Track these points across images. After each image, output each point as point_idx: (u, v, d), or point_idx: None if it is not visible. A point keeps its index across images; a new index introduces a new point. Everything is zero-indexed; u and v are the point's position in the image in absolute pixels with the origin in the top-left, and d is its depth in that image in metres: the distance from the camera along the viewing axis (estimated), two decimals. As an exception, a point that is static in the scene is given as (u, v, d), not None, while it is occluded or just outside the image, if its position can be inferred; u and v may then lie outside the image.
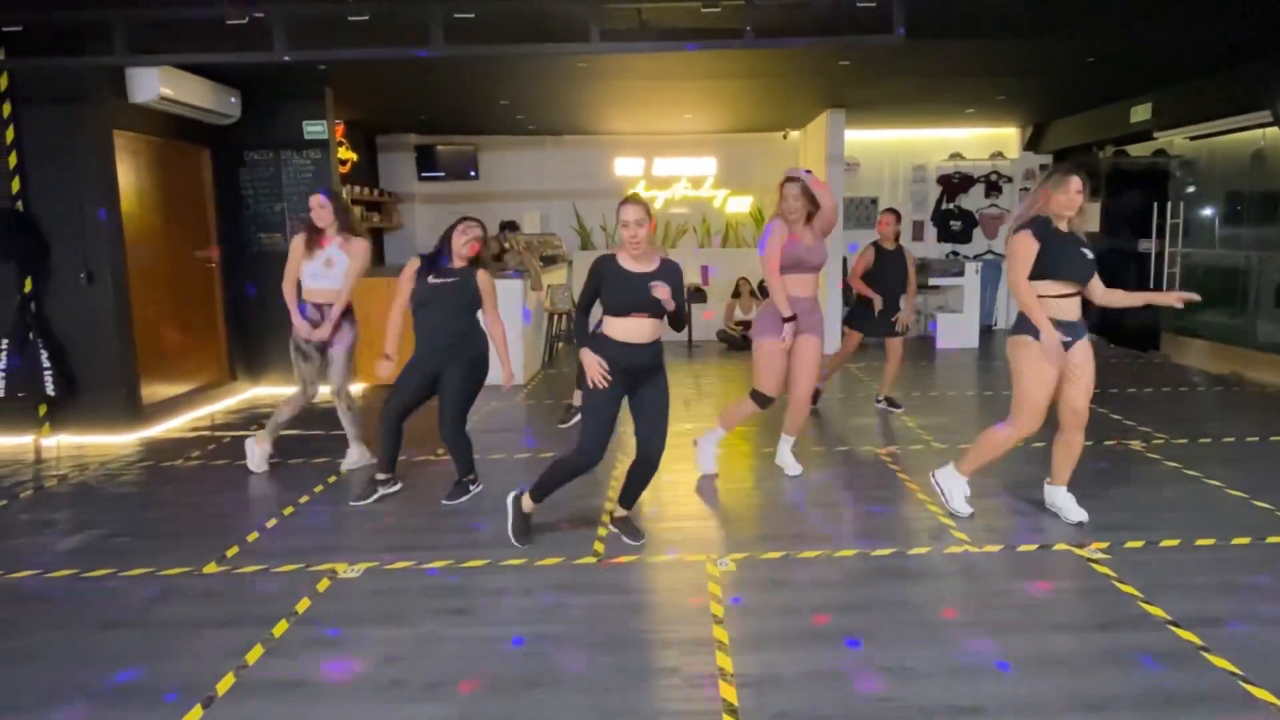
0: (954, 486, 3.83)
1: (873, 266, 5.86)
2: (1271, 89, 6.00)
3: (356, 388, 7.08)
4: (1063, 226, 3.51)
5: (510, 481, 4.45)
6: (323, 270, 4.48)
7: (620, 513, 3.67)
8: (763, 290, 4.49)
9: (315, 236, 4.47)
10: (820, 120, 8.86)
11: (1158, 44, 5.96)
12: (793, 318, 4.23)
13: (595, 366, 3.26)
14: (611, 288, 3.28)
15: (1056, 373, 3.49)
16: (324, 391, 4.69)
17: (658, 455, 3.43)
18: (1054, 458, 3.76)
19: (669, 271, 3.33)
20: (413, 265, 4.05)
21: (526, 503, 3.57)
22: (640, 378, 3.36)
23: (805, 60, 6.33)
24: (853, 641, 2.70)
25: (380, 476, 4.20)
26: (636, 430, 3.44)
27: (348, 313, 4.58)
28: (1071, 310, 3.54)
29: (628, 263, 3.30)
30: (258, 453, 4.72)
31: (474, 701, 2.40)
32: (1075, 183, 3.45)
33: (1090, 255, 3.52)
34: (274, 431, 4.76)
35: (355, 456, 4.80)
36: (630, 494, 3.60)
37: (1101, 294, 3.64)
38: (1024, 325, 3.53)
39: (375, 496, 4.16)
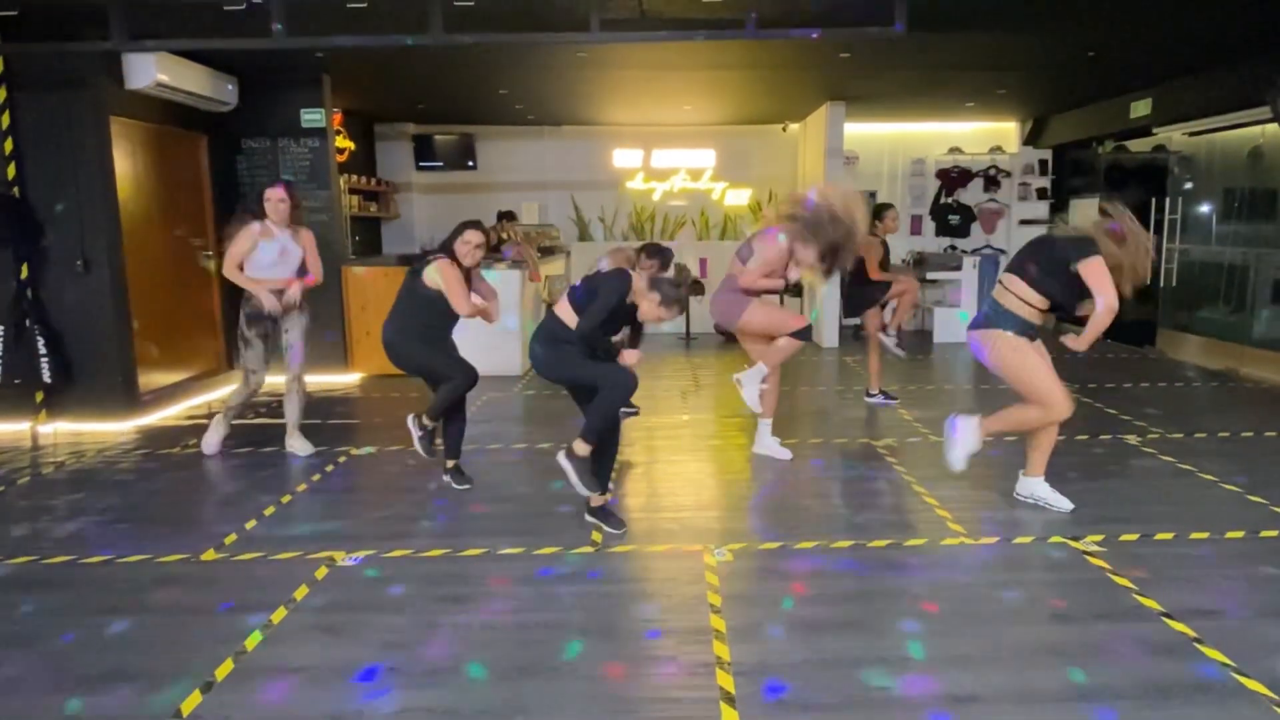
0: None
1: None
2: (1271, 85, 6.00)
3: (352, 378, 7.10)
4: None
5: (506, 473, 4.48)
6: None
7: (596, 500, 3.59)
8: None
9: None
10: (820, 113, 8.84)
11: (1158, 39, 5.96)
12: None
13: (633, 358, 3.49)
14: (620, 316, 3.49)
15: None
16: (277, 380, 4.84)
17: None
18: (1033, 448, 3.77)
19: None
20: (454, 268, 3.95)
21: (581, 448, 3.42)
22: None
23: (806, 52, 6.31)
24: (849, 631, 2.72)
25: (429, 424, 4.08)
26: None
27: (303, 298, 4.70)
28: (1040, 319, 3.64)
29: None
30: (213, 438, 4.85)
31: (471, 688, 2.41)
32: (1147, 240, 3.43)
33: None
34: (227, 418, 4.88)
35: (299, 445, 4.83)
36: (605, 473, 3.61)
37: None
38: (997, 320, 3.60)
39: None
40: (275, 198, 4.53)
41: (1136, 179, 8.67)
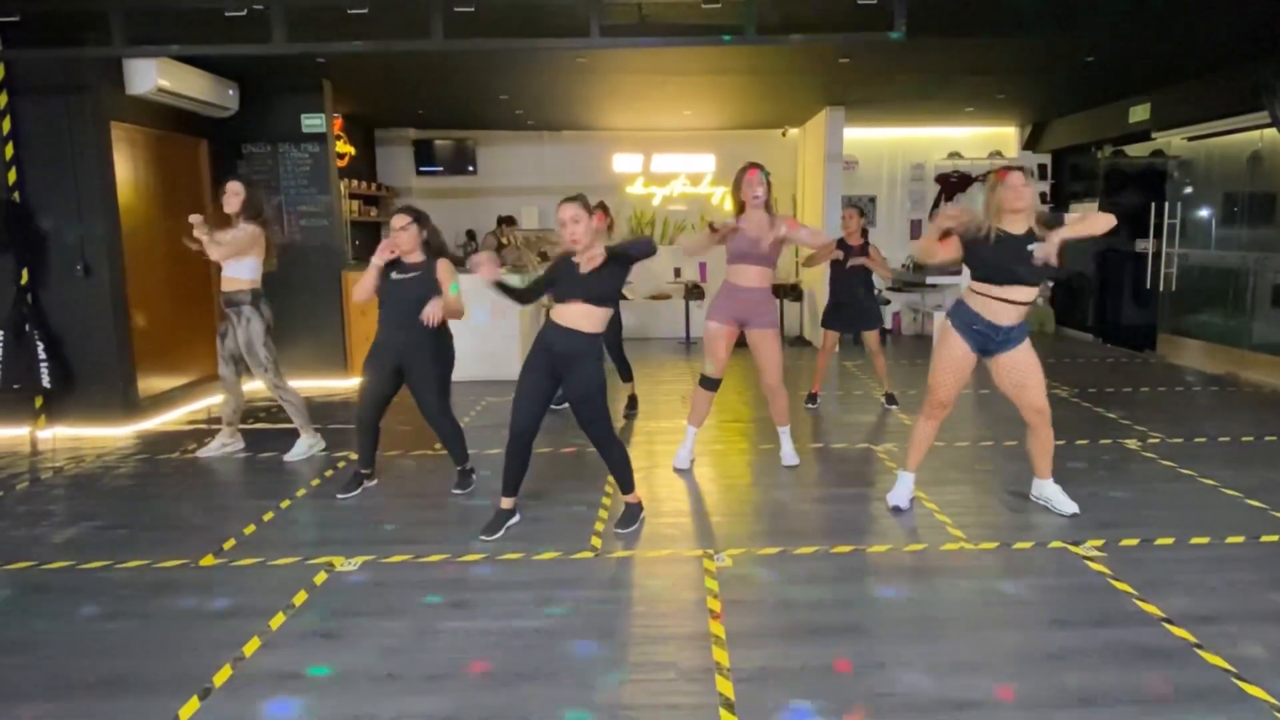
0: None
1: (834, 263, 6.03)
2: (1269, 90, 6.01)
3: (352, 382, 7.08)
4: (1011, 228, 3.47)
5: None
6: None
7: (623, 497, 3.78)
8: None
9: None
10: (819, 118, 8.86)
11: (1157, 44, 5.97)
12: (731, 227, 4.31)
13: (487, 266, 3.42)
14: (561, 280, 3.48)
15: (963, 358, 3.64)
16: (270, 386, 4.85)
17: (596, 440, 3.59)
18: (1031, 455, 3.86)
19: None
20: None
21: (504, 501, 3.68)
22: (565, 366, 3.49)
23: (805, 57, 6.33)
24: (850, 637, 2.71)
25: (364, 471, 4.25)
26: None
27: (247, 302, 4.69)
28: (1004, 315, 3.55)
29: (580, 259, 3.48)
30: (215, 442, 4.97)
31: (471, 694, 2.40)
32: (1016, 176, 3.47)
33: (1033, 263, 3.46)
34: (230, 422, 4.97)
35: (303, 447, 4.85)
36: (617, 480, 3.72)
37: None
38: (951, 311, 3.71)
39: (358, 490, 4.19)
40: (228, 190, 4.63)
41: (1136, 184, 8.68)
